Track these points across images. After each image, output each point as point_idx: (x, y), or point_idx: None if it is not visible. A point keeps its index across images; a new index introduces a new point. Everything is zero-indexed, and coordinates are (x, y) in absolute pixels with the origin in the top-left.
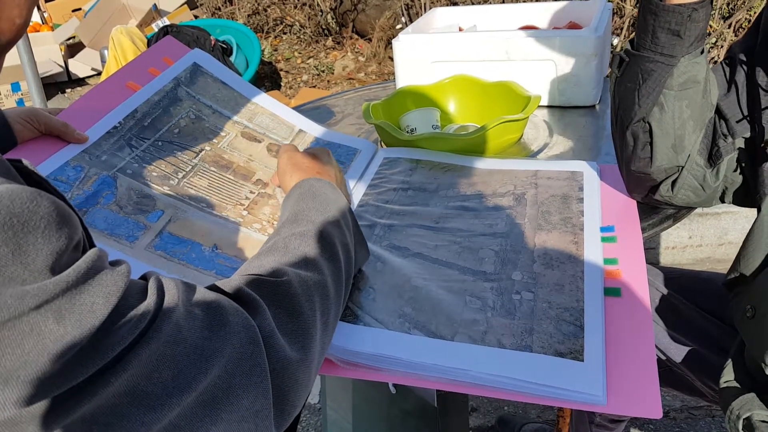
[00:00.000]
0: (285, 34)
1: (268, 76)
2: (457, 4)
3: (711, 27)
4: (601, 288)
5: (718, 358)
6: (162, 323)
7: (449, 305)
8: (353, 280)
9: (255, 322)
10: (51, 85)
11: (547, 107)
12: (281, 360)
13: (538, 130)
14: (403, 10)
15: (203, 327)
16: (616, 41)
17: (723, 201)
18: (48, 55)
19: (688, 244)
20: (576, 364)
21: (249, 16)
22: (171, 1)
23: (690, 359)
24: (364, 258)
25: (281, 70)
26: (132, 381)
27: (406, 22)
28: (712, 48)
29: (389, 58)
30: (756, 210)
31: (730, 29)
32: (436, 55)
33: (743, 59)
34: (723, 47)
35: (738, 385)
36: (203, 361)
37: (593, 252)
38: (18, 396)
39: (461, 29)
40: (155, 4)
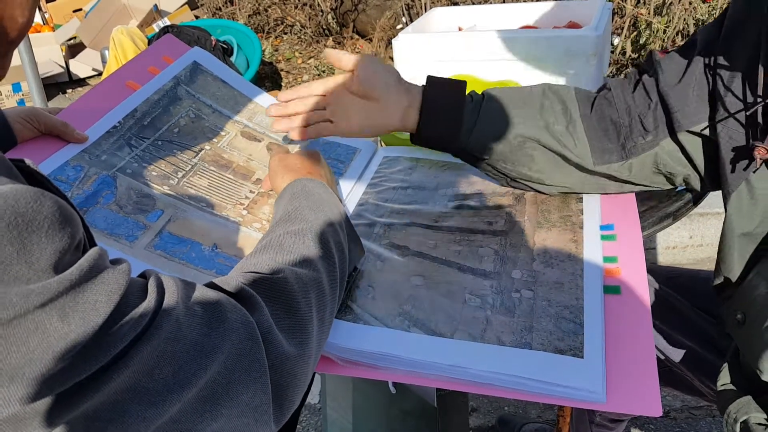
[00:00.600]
0: (286, 34)
1: (268, 76)
2: (458, 4)
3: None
4: (601, 286)
5: (716, 358)
6: (162, 321)
7: (448, 303)
8: (352, 278)
9: (253, 318)
10: (52, 86)
11: None
12: (279, 355)
13: None
14: (404, 10)
15: (202, 324)
16: (616, 41)
17: (673, 185)
18: (49, 56)
19: (689, 243)
20: (576, 360)
21: (250, 16)
22: (172, 2)
23: (689, 359)
24: (357, 257)
25: (282, 70)
26: (133, 377)
27: (406, 22)
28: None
29: (390, 58)
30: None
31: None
32: (436, 55)
33: (702, 50)
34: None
35: (735, 388)
36: (203, 357)
37: (593, 250)
38: (23, 393)
39: (461, 29)
40: (156, 4)
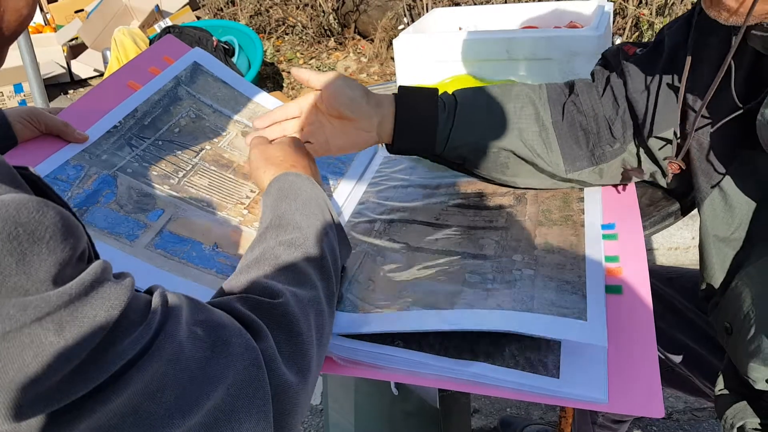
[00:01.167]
0: (287, 34)
1: (270, 76)
2: (459, 4)
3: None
4: (602, 285)
5: (717, 359)
6: (164, 341)
7: (448, 283)
8: (352, 273)
9: (258, 345)
10: (53, 86)
11: None
12: (282, 384)
13: None
14: (405, 10)
15: (206, 347)
16: (618, 41)
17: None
18: (50, 56)
19: (691, 244)
20: (579, 322)
21: (251, 16)
22: (173, 2)
23: (690, 360)
24: (346, 256)
25: (283, 70)
26: (133, 400)
27: (408, 22)
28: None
29: (391, 58)
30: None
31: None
32: (436, 55)
33: (669, 53)
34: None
35: (731, 393)
36: (206, 383)
37: (594, 249)
38: (16, 409)
39: (461, 29)
40: (157, 5)
